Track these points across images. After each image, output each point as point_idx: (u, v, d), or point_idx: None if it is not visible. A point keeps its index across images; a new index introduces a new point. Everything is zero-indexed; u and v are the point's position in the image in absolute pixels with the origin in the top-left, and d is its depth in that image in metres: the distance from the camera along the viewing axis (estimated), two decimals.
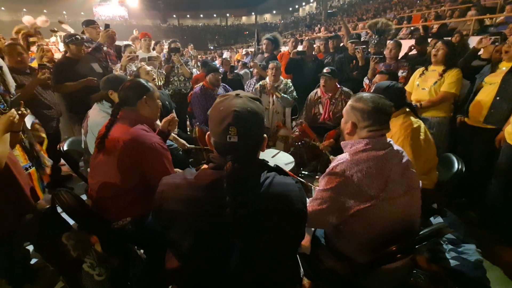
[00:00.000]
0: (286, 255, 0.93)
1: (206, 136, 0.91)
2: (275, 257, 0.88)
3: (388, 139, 1.26)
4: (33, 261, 1.89)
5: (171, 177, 0.93)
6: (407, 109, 1.84)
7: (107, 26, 3.41)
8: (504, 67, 2.35)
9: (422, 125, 1.81)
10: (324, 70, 2.95)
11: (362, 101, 1.23)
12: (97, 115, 2.03)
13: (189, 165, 2.56)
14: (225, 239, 0.83)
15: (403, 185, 1.18)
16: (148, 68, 2.69)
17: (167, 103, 2.94)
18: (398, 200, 1.16)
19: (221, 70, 4.78)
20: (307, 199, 1.14)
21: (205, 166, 0.94)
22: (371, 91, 1.95)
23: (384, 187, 1.14)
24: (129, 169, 1.40)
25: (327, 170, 1.23)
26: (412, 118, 1.80)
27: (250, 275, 0.86)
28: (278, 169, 0.94)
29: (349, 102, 1.30)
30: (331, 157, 2.42)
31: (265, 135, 0.91)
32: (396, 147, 1.26)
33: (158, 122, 2.02)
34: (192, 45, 10.00)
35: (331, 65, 3.96)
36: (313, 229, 1.53)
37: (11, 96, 1.95)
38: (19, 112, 1.42)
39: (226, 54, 7.74)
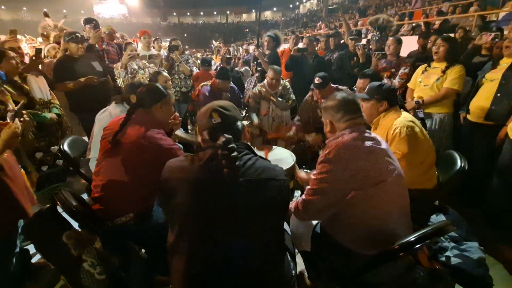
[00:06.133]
0: (273, 224, 1.06)
1: (199, 135, 1.12)
2: (261, 228, 1.01)
3: (373, 134, 1.34)
4: (34, 260, 1.90)
5: (178, 157, 1.16)
6: (399, 108, 1.89)
7: (96, 26, 3.41)
8: (504, 63, 2.32)
9: (417, 122, 1.83)
10: (315, 81, 2.74)
11: (330, 99, 1.40)
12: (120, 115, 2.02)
13: None
14: (218, 203, 0.99)
15: (388, 168, 1.25)
16: (168, 75, 2.75)
17: None
18: (387, 187, 1.22)
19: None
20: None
21: None
22: (364, 91, 2.02)
23: (373, 171, 1.21)
24: (142, 170, 1.44)
25: (320, 157, 1.30)
26: (405, 114, 1.84)
27: (239, 240, 0.99)
28: (262, 158, 1.11)
29: (321, 106, 1.42)
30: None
31: (244, 122, 1.15)
32: (373, 134, 1.34)
33: None
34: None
35: (331, 62, 3.93)
36: (312, 225, 1.52)
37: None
38: (21, 119, 1.43)
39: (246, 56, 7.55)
